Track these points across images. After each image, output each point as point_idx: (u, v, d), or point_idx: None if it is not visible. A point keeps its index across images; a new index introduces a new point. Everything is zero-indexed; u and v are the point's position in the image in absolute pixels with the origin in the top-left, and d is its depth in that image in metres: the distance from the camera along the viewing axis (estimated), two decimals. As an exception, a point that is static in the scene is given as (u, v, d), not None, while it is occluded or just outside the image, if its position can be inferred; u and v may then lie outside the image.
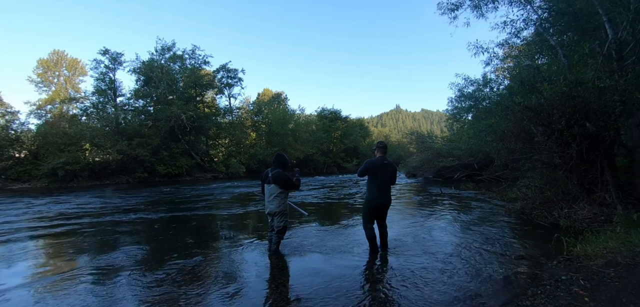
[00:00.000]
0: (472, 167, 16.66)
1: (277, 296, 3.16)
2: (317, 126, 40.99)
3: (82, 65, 34.53)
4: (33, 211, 9.46)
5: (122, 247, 5.15)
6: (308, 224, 6.14)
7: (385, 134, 77.13)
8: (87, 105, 27.56)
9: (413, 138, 25.64)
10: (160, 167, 23.87)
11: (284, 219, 4.32)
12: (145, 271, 3.91)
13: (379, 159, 4.27)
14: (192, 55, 29.93)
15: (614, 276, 3.03)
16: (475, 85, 15.75)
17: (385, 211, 4.45)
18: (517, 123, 7.11)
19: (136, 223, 7.13)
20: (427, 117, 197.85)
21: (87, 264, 4.33)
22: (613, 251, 3.68)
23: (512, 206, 7.72)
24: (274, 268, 3.97)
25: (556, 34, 8.41)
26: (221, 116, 33.19)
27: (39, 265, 4.37)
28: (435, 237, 5.30)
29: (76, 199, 12.34)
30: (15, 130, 22.56)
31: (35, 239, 5.94)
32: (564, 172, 6.64)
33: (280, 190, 4.25)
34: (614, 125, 5.71)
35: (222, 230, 6.40)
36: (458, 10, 9.37)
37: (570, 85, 6.01)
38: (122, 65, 26.70)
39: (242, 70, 33.09)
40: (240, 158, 29.65)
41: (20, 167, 20.57)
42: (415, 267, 3.84)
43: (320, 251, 4.58)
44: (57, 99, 30.07)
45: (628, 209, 5.45)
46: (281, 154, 4.53)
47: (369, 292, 3.20)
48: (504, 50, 13.04)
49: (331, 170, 36.86)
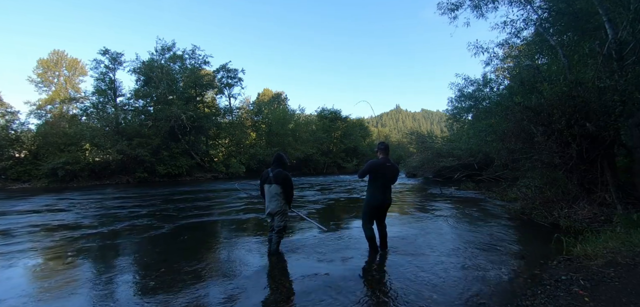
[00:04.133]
0: (472, 167, 16.66)
1: (277, 296, 3.15)
2: (317, 126, 40.96)
3: (82, 65, 34.56)
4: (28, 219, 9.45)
5: (121, 248, 5.15)
6: (308, 225, 6.14)
7: (385, 134, 77.19)
8: (87, 105, 27.56)
9: (413, 138, 25.62)
10: (160, 167, 23.87)
11: (284, 219, 4.32)
12: (145, 271, 3.90)
13: (382, 160, 4.26)
14: (192, 55, 29.92)
15: (614, 276, 3.03)
16: (475, 85, 15.74)
17: (385, 211, 4.46)
18: (517, 123, 7.11)
19: (136, 223, 7.12)
20: (427, 117, 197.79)
21: (86, 265, 4.33)
22: (613, 251, 3.68)
23: (512, 206, 7.72)
24: (274, 268, 3.96)
25: (556, 34, 8.40)
26: (221, 116, 33.16)
27: (37, 270, 4.37)
28: (434, 237, 5.29)
29: (72, 199, 12.33)
30: (15, 130, 22.55)
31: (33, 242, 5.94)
32: (564, 172, 6.64)
33: (282, 190, 4.25)
34: (614, 125, 5.71)
35: (222, 230, 6.40)
36: (458, 10, 9.37)
37: (570, 85, 6.01)
38: (122, 65, 26.69)
39: (242, 70, 33.11)
40: (240, 158, 29.64)
41: (20, 167, 20.56)
42: (415, 267, 3.84)
43: (320, 251, 4.58)
44: (57, 99, 30.07)
45: (628, 209, 5.44)
46: (281, 154, 4.52)
47: (368, 292, 3.19)
48: (504, 50, 13.03)
49: (331, 170, 36.85)
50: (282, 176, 4.23)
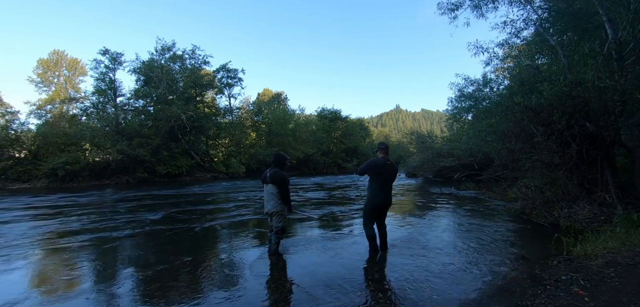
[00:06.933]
0: (472, 167, 16.67)
1: (276, 296, 3.15)
2: (317, 126, 40.96)
3: (82, 65, 34.51)
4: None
5: (120, 248, 5.14)
6: (308, 225, 6.14)
7: (385, 134, 77.15)
8: (87, 105, 27.57)
9: (413, 138, 25.63)
10: (161, 167, 23.87)
11: (282, 219, 4.31)
12: (144, 272, 3.90)
13: (382, 160, 4.27)
14: (192, 55, 29.92)
15: (614, 276, 3.03)
16: (475, 85, 15.72)
17: (386, 211, 4.47)
18: (517, 123, 7.11)
19: (135, 224, 7.12)
20: (427, 117, 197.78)
21: (85, 264, 4.33)
22: (613, 251, 3.68)
23: (512, 206, 7.72)
24: (274, 268, 3.96)
25: (556, 34, 8.40)
26: (221, 116, 33.18)
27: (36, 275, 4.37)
28: (434, 238, 5.29)
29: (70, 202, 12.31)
30: (15, 130, 22.52)
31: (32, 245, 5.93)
32: (564, 172, 6.64)
33: (278, 190, 4.25)
34: (614, 125, 5.71)
35: (222, 230, 6.40)
36: (458, 10, 9.36)
37: (570, 85, 6.01)
38: (122, 65, 26.69)
39: (242, 70, 33.12)
40: (240, 158, 29.65)
41: (20, 167, 20.53)
42: (415, 267, 3.84)
43: (320, 251, 4.58)
44: (57, 99, 30.08)
45: (628, 209, 5.44)
46: (279, 153, 4.52)
47: (368, 293, 3.19)
48: (504, 50, 13.00)
49: (331, 170, 36.84)
50: (277, 175, 4.24)
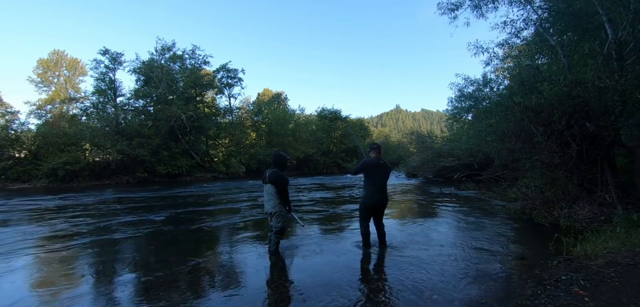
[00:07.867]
0: (472, 167, 16.66)
1: (276, 296, 3.15)
2: (317, 126, 40.96)
3: (82, 65, 34.54)
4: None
5: (120, 249, 5.14)
6: (308, 225, 6.14)
7: (385, 134, 76.99)
8: (87, 105, 27.60)
9: (413, 138, 25.65)
10: (161, 167, 23.88)
11: (281, 220, 4.30)
12: (144, 272, 3.90)
13: (375, 159, 4.41)
14: (192, 55, 29.93)
15: (614, 276, 3.03)
16: (475, 85, 15.69)
17: (383, 210, 4.56)
18: (517, 123, 7.11)
19: (134, 224, 7.12)
20: (427, 117, 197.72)
21: (85, 265, 4.33)
22: (613, 251, 3.68)
23: (512, 206, 7.72)
24: (273, 268, 3.96)
25: (556, 34, 8.40)
26: (221, 116, 33.19)
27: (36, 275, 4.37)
28: (434, 237, 5.29)
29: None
30: (15, 130, 22.55)
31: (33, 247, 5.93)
32: (564, 172, 6.64)
33: (277, 190, 4.25)
34: (614, 125, 5.71)
35: (222, 230, 6.40)
36: (458, 10, 9.35)
37: (570, 85, 6.01)
38: (122, 65, 26.71)
39: (242, 70, 33.14)
40: (240, 158, 29.66)
41: (20, 167, 20.55)
42: (415, 266, 3.84)
43: (320, 251, 4.58)
44: (57, 99, 30.10)
45: (628, 209, 5.44)
46: (279, 153, 4.52)
47: (368, 292, 3.19)
48: (504, 50, 12.98)
49: (331, 170, 36.85)
50: (276, 175, 4.24)
